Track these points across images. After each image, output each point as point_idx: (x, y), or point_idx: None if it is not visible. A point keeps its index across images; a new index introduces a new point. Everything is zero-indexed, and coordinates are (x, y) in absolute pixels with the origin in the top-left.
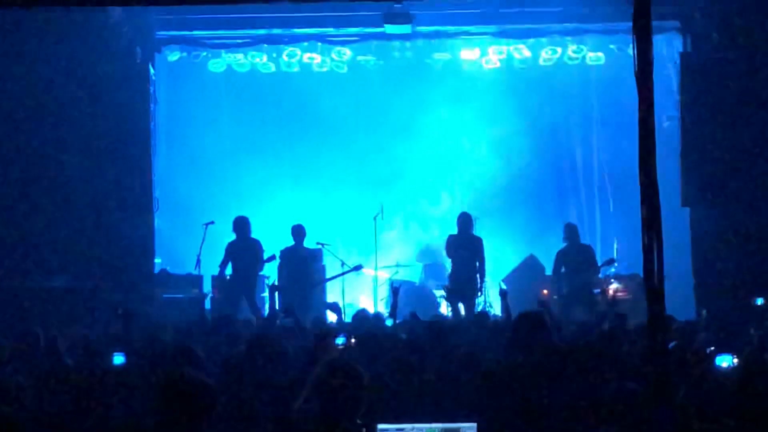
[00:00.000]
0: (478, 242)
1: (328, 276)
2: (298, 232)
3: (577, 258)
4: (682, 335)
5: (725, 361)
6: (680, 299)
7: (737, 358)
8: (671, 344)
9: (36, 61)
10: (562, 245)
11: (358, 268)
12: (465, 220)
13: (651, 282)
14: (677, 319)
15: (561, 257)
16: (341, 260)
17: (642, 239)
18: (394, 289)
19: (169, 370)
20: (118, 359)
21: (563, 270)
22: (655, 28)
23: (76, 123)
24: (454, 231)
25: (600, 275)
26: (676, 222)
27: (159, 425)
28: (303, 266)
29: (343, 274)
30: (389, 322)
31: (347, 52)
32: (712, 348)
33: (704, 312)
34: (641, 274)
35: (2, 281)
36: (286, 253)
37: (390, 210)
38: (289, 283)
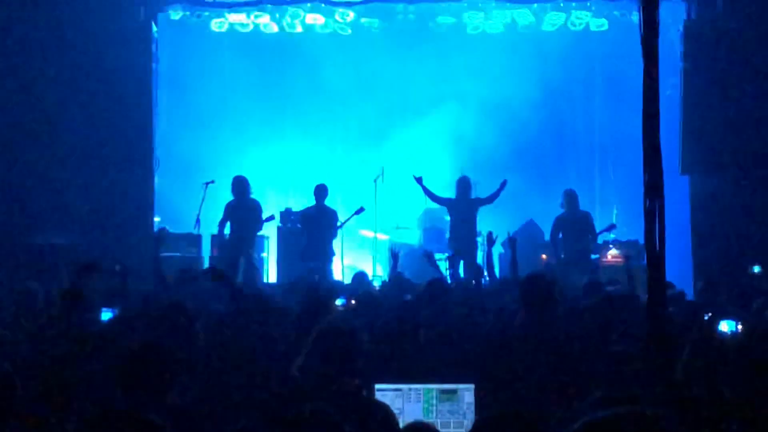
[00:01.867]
0: (476, 202)
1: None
2: (321, 191)
3: (575, 225)
4: (679, 302)
5: (728, 326)
6: (677, 267)
7: (740, 323)
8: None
9: (38, 16)
10: (561, 211)
11: (360, 210)
12: (464, 184)
13: (652, 247)
14: (675, 286)
15: (559, 224)
16: (341, 222)
17: (644, 204)
18: (394, 253)
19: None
20: (106, 315)
21: (561, 236)
22: None
23: (78, 80)
24: (454, 194)
25: (599, 241)
26: (675, 189)
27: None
28: (324, 224)
29: (350, 218)
30: (377, 281)
31: (350, 14)
32: (710, 314)
33: (703, 278)
34: (640, 241)
35: (1, 238)
36: (305, 212)
37: (391, 173)
38: (309, 241)
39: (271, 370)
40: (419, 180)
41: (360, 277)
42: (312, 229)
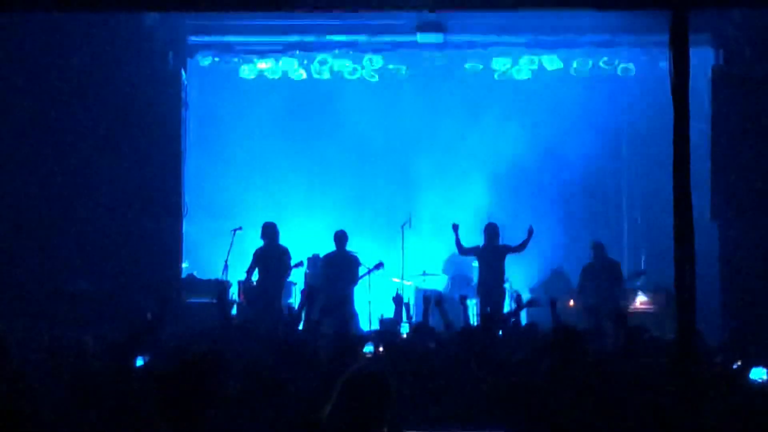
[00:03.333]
0: (504, 250)
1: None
2: (341, 238)
3: (603, 274)
4: (709, 352)
5: (759, 375)
6: (706, 315)
7: None
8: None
9: (69, 64)
10: (589, 261)
11: (379, 265)
12: (491, 230)
13: (682, 294)
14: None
15: (587, 273)
16: (368, 268)
17: (675, 251)
18: (425, 298)
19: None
20: (140, 362)
21: (589, 287)
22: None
23: (108, 126)
24: (482, 241)
25: (628, 286)
26: (704, 236)
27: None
28: (345, 270)
29: (368, 273)
30: (404, 329)
31: (378, 61)
32: (739, 362)
33: (734, 325)
34: (668, 288)
35: (30, 284)
36: (325, 258)
37: (418, 220)
38: (329, 287)
39: (299, 416)
40: (455, 228)
41: (387, 324)
42: (331, 275)
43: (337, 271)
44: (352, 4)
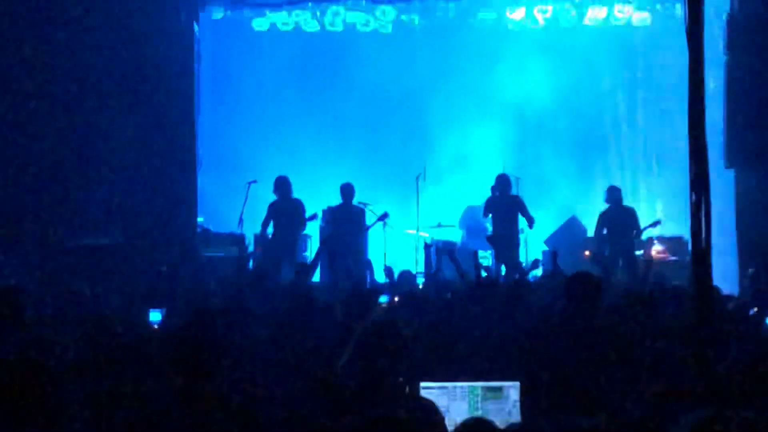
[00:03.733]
0: (517, 201)
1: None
2: (347, 190)
3: (619, 221)
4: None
5: None
6: (722, 262)
7: None
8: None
9: (81, 17)
10: (605, 207)
11: (384, 216)
12: (503, 181)
13: (698, 242)
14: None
15: (603, 219)
16: (376, 216)
17: (690, 198)
18: (437, 249)
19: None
20: (155, 316)
21: (605, 232)
22: None
23: (121, 81)
24: (495, 192)
25: (643, 237)
26: (720, 184)
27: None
28: (350, 224)
29: (374, 223)
30: (420, 281)
31: (391, 12)
32: (755, 309)
33: (751, 271)
34: (685, 237)
35: (48, 239)
36: (332, 211)
37: (433, 171)
38: (336, 241)
39: (316, 367)
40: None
41: (405, 276)
42: (339, 228)
43: (344, 223)
44: None
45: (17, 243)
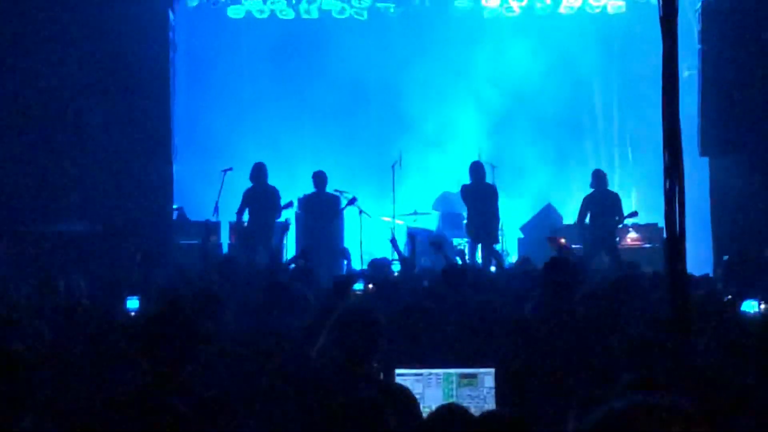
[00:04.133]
0: (492, 190)
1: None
2: (319, 178)
3: (604, 204)
4: (701, 284)
5: (750, 307)
6: (697, 250)
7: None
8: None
9: (55, 7)
10: (589, 191)
11: (352, 201)
12: (477, 169)
13: (671, 229)
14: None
15: (587, 203)
16: (359, 208)
17: (663, 186)
18: (411, 236)
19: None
20: (132, 303)
21: (588, 217)
22: None
23: (96, 68)
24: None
25: (622, 224)
26: (694, 173)
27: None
28: (323, 212)
29: (343, 208)
30: (396, 267)
31: None
32: (729, 296)
33: (725, 258)
34: (659, 224)
35: (22, 226)
36: (305, 200)
37: (408, 159)
38: (309, 229)
39: (291, 354)
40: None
41: (377, 263)
42: (314, 217)
43: (317, 212)
44: None
45: None
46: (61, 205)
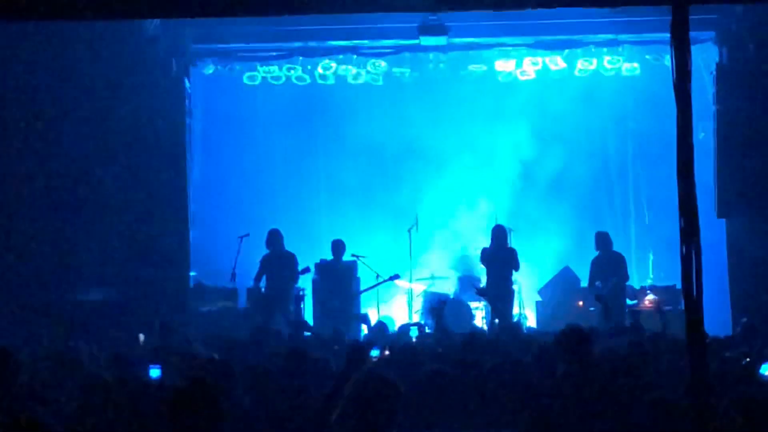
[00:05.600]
0: (512, 254)
1: (363, 287)
2: (338, 247)
3: (609, 266)
4: (718, 348)
5: None
6: (715, 312)
7: None
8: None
9: (73, 72)
10: (595, 254)
11: (395, 277)
12: (499, 233)
13: (689, 292)
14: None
15: (594, 267)
16: (376, 272)
17: (680, 250)
18: (437, 308)
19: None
20: (155, 372)
21: (598, 280)
22: (691, 38)
23: (113, 136)
24: (489, 243)
25: (637, 286)
26: (712, 234)
27: None
28: (340, 280)
29: (379, 284)
30: (413, 333)
31: (382, 64)
32: (748, 359)
33: (744, 320)
34: (677, 286)
35: (39, 294)
36: (323, 267)
37: (425, 222)
38: (325, 296)
39: (309, 421)
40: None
41: (380, 326)
42: (331, 284)
43: (334, 279)
44: (355, 6)
45: (9, 302)
46: (77, 274)
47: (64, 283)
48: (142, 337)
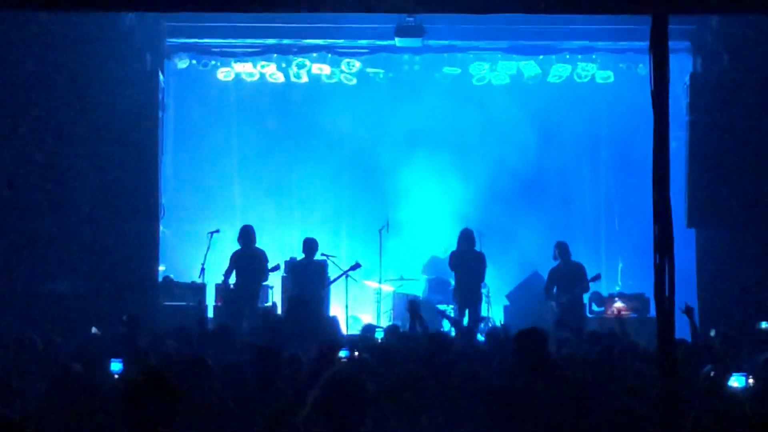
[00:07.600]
0: (481, 258)
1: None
2: (310, 245)
3: (567, 276)
4: (688, 357)
5: (738, 382)
6: (684, 323)
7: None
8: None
9: (45, 64)
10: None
11: (356, 266)
12: (467, 236)
13: (661, 302)
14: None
15: (553, 276)
16: (345, 272)
17: (654, 259)
18: (413, 309)
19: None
20: (116, 366)
21: (555, 289)
22: None
23: (85, 128)
24: (457, 247)
25: (588, 291)
26: (681, 243)
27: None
28: (310, 278)
29: (343, 274)
30: (379, 334)
31: (356, 64)
32: (712, 372)
33: (713, 332)
34: (646, 294)
35: (6, 286)
36: (293, 265)
37: (395, 223)
38: (298, 293)
39: (277, 420)
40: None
41: (368, 329)
42: (301, 282)
43: (304, 277)
44: (333, 5)
45: None
46: (45, 265)
47: (32, 276)
48: (94, 329)
